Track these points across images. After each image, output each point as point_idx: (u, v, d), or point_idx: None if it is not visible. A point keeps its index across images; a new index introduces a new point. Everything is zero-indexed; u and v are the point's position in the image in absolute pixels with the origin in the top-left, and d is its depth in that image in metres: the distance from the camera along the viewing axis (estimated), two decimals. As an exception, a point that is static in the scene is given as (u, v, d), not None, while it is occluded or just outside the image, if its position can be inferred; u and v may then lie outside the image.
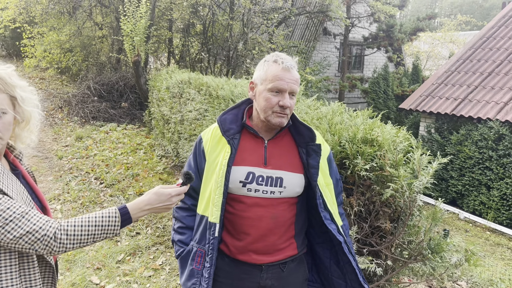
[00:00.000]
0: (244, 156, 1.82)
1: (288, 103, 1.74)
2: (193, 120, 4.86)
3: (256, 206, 1.78)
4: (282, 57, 1.78)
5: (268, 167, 1.80)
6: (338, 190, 1.98)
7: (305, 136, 1.83)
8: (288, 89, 1.75)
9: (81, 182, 6.24)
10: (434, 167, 1.99)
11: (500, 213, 7.72)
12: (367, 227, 2.30)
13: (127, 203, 1.65)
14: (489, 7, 54.77)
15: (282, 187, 1.78)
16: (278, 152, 1.83)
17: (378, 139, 2.20)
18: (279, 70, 1.75)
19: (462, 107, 8.56)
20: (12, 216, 1.32)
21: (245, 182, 1.79)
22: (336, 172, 1.97)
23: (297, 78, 1.78)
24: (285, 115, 1.77)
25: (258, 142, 1.85)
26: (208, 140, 1.91)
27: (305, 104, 3.31)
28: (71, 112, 10.76)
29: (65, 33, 12.36)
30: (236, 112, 1.91)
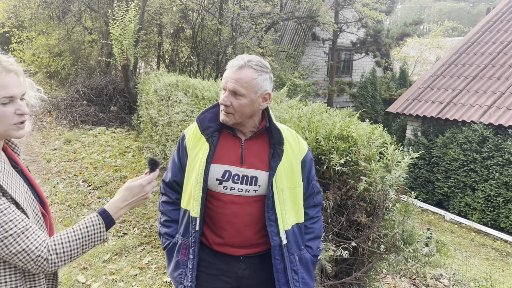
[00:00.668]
0: (222, 155, 1.88)
1: (224, 100, 1.78)
2: (180, 122, 4.92)
3: (231, 204, 1.85)
4: (237, 58, 1.82)
5: (244, 166, 1.85)
6: (309, 191, 1.98)
7: (275, 138, 1.87)
8: (227, 87, 1.78)
9: (69, 185, 6.24)
10: (406, 161, 2.07)
11: (484, 214, 7.86)
12: (344, 221, 2.37)
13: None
14: (476, 13, 55.65)
15: (257, 185, 1.84)
16: (254, 152, 1.88)
17: (353, 136, 2.28)
18: (228, 71, 1.81)
19: (447, 110, 8.71)
20: (13, 231, 1.29)
21: (221, 180, 1.85)
22: (311, 175, 1.98)
23: (239, 77, 1.76)
24: (229, 114, 1.80)
25: (235, 142, 1.90)
26: (190, 137, 1.98)
27: (288, 105, 3.39)
28: (59, 116, 10.75)
29: (54, 37, 12.36)
30: (216, 111, 1.95)
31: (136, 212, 5.07)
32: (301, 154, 1.94)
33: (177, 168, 2.03)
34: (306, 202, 1.98)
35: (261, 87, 1.82)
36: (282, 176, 1.85)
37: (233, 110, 1.80)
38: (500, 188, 7.59)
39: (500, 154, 7.58)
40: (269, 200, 1.82)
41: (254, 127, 1.91)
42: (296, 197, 1.91)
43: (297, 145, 1.94)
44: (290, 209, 1.89)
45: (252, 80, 1.78)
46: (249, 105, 1.81)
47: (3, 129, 1.39)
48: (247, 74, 1.78)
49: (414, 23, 12.47)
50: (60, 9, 11.88)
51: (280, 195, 1.84)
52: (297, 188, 1.91)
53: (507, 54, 9.21)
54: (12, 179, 1.39)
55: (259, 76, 1.81)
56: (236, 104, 1.79)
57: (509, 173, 7.43)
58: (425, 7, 58.72)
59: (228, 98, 1.79)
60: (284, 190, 1.85)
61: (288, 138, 1.92)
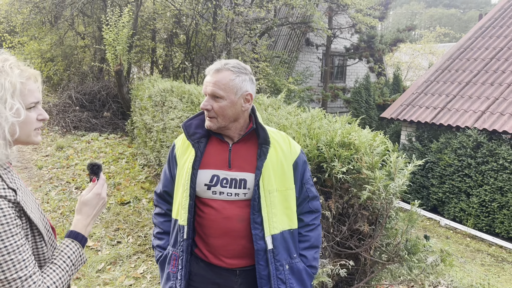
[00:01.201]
0: (209, 160, 1.84)
1: (204, 104, 1.78)
2: (175, 128, 4.85)
3: (222, 209, 1.79)
4: (215, 63, 1.81)
5: (232, 170, 1.81)
6: (303, 195, 1.91)
7: (261, 138, 1.83)
8: (207, 91, 1.77)
9: (61, 192, 6.14)
10: (409, 169, 2.03)
11: (479, 220, 7.86)
12: (346, 230, 2.32)
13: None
14: (467, 19, 56.37)
15: (246, 188, 1.79)
16: (242, 154, 1.85)
17: (355, 143, 2.24)
18: (206, 76, 1.81)
19: (441, 115, 8.74)
20: (19, 274, 1.23)
21: (209, 185, 1.80)
22: (305, 178, 1.91)
23: (217, 80, 1.75)
24: (212, 119, 1.79)
25: (223, 146, 1.87)
26: (180, 146, 1.95)
27: (286, 111, 3.35)
28: (51, 121, 10.62)
29: (46, 42, 12.25)
30: (203, 117, 1.92)
31: (130, 220, 4.99)
32: (293, 156, 1.89)
33: (167, 178, 2.00)
34: (300, 208, 1.91)
35: (240, 88, 1.79)
36: (270, 177, 1.79)
37: (215, 114, 1.78)
38: (494, 194, 7.60)
39: (495, 159, 7.60)
40: (255, 201, 1.77)
41: (240, 130, 1.87)
42: (287, 200, 1.84)
43: (288, 147, 1.89)
44: (280, 212, 1.82)
45: (230, 81, 1.77)
46: (230, 107, 1.78)
47: (26, 134, 1.36)
48: (224, 76, 1.76)
49: (407, 29, 12.55)
50: (53, 14, 11.77)
51: (267, 197, 1.78)
52: (288, 191, 1.84)
53: (500, 60, 9.27)
54: (28, 198, 1.33)
55: (237, 77, 1.78)
56: (217, 107, 1.77)
57: (503, 178, 7.44)
58: (416, 13, 59.37)
59: (208, 102, 1.78)
60: (272, 191, 1.79)
61: (278, 139, 1.89)
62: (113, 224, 4.95)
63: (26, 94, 1.33)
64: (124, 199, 5.67)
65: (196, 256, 1.89)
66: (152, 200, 5.73)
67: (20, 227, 1.25)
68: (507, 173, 7.42)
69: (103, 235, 4.65)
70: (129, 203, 5.60)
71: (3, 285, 1.24)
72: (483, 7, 59.66)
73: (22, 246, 1.24)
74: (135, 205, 5.51)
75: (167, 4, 10.87)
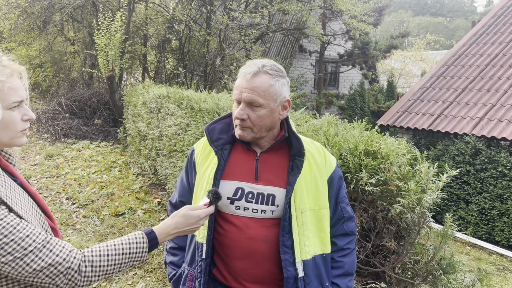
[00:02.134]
0: (234, 170, 1.64)
1: (239, 114, 1.55)
2: (173, 136, 4.65)
3: (246, 228, 1.59)
4: (248, 64, 1.60)
5: (259, 183, 1.61)
6: (337, 216, 1.70)
7: (295, 149, 1.62)
8: (242, 99, 1.56)
9: (51, 203, 5.86)
10: (443, 180, 1.86)
11: (479, 228, 7.76)
12: (370, 246, 2.14)
13: (153, 226, 1.49)
14: (453, 28, 57.24)
15: (274, 205, 1.58)
16: (271, 166, 1.64)
17: (382, 151, 2.07)
18: (239, 80, 1.59)
19: (438, 122, 8.67)
20: (33, 246, 1.14)
21: (233, 198, 1.60)
22: (340, 196, 1.71)
23: (254, 86, 1.54)
24: (246, 129, 1.58)
25: (250, 155, 1.66)
26: (200, 152, 1.75)
27: (294, 117, 3.18)
28: (40, 129, 10.30)
29: (34, 48, 11.95)
30: (228, 122, 1.73)
31: (125, 232, 4.75)
32: (329, 170, 1.68)
33: (185, 187, 1.80)
34: (334, 229, 1.71)
35: (280, 94, 1.59)
36: (303, 194, 1.58)
37: (251, 124, 1.57)
38: (494, 201, 7.52)
39: (494, 166, 7.53)
40: (285, 221, 1.56)
41: (272, 139, 1.66)
42: (321, 221, 1.64)
43: (323, 160, 1.68)
44: (313, 235, 1.61)
45: (270, 87, 1.56)
46: (269, 116, 1.58)
47: (9, 136, 1.24)
48: (263, 81, 1.55)
49: (401, 35, 12.56)
50: (41, 19, 11.48)
51: (298, 217, 1.57)
52: (322, 210, 1.64)
53: (495, 66, 9.26)
54: (15, 194, 1.22)
55: (277, 82, 1.58)
56: (254, 117, 1.56)
57: (503, 185, 7.37)
58: (404, 21, 60.08)
59: (244, 110, 1.55)
60: (305, 211, 1.58)
61: (312, 151, 1.67)
62: (107, 237, 4.70)
63: (7, 92, 1.19)
64: (119, 210, 5.42)
65: (214, 278, 1.68)
66: (148, 211, 5.49)
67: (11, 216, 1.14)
68: (507, 180, 7.35)
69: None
70: (123, 215, 5.36)
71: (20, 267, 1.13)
72: (469, 15, 60.69)
73: (19, 224, 1.14)
74: (130, 217, 5.27)
75: (160, 9, 10.68)
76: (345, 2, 10.99)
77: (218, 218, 1.63)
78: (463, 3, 72.85)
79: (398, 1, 67.30)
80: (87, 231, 4.87)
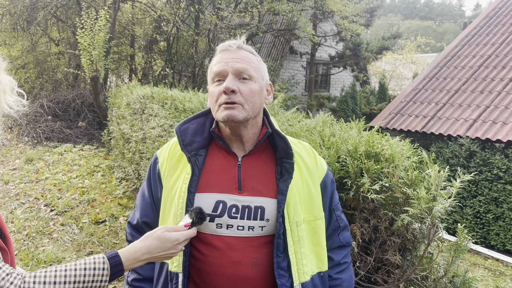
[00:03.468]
0: (211, 179, 1.35)
1: (230, 84, 1.28)
2: (157, 138, 4.36)
3: (230, 249, 1.29)
4: (227, 41, 1.38)
5: (243, 194, 1.32)
6: (332, 226, 1.47)
7: (280, 150, 1.36)
8: (229, 69, 1.30)
9: (28, 210, 5.53)
10: (456, 186, 1.62)
11: (474, 232, 7.58)
12: (372, 261, 1.88)
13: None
14: (442, 31, 57.73)
15: (264, 219, 1.30)
16: (256, 173, 1.36)
17: (385, 153, 1.81)
18: (217, 55, 1.37)
19: (432, 124, 8.50)
20: None
21: (213, 215, 1.30)
22: (334, 203, 1.48)
23: (243, 56, 1.33)
24: (236, 105, 1.29)
25: (230, 160, 1.37)
26: (166, 160, 1.43)
27: (285, 117, 2.92)
28: (21, 132, 9.91)
29: (17, 48, 11.57)
30: (202, 121, 1.44)
31: (105, 241, 4.44)
32: (321, 173, 1.43)
33: (148, 204, 1.46)
34: (330, 242, 1.46)
35: (265, 74, 1.40)
36: (296, 204, 1.32)
37: (243, 99, 1.29)
38: (489, 204, 7.35)
39: (489, 169, 7.36)
40: (279, 238, 1.29)
41: (255, 134, 1.38)
42: (317, 234, 1.38)
43: (314, 162, 1.43)
44: (309, 251, 1.35)
45: (257, 62, 1.36)
46: (259, 93, 1.34)
47: None
48: (250, 55, 1.35)
49: (393, 36, 12.43)
50: (23, 18, 11.10)
51: (294, 231, 1.30)
52: (317, 221, 1.38)
53: (488, 68, 9.14)
54: None
55: (259, 61, 1.39)
56: (246, 90, 1.30)
57: (498, 188, 7.21)
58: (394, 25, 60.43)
59: (234, 82, 1.29)
60: (300, 223, 1.32)
61: (301, 152, 1.41)
62: (86, 246, 4.39)
63: None
64: (99, 218, 5.11)
65: None
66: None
67: None
68: (502, 183, 7.19)
69: (74, 260, 4.09)
70: (104, 222, 5.05)
71: None
72: (458, 19, 61.30)
73: None
74: (111, 224, 4.95)
75: (147, 9, 10.39)
76: (336, 3, 10.81)
77: (193, 240, 1.32)
78: (451, 7, 73.65)
79: (387, 5, 67.80)
80: (64, 240, 4.55)
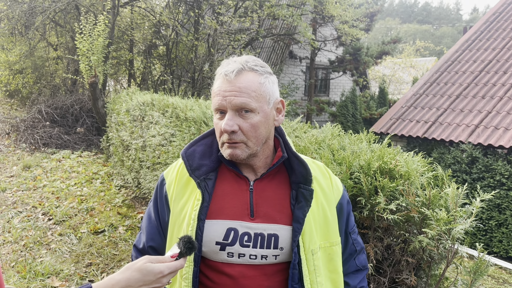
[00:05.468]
0: (222, 205, 1.27)
1: (228, 125, 1.19)
2: (157, 146, 4.28)
3: (242, 278, 1.23)
4: (228, 62, 1.26)
5: (256, 220, 1.25)
6: (349, 250, 1.41)
7: (298, 174, 1.28)
8: (228, 105, 1.20)
9: (25, 219, 5.43)
10: (477, 205, 1.54)
11: (476, 239, 7.50)
12: (386, 282, 1.80)
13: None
14: (440, 35, 57.91)
15: (277, 248, 1.24)
16: (269, 198, 1.28)
17: (400, 169, 1.74)
18: (218, 82, 1.24)
19: (433, 130, 8.43)
20: None
21: (223, 243, 1.24)
22: (350, 226, 1.41)
23: (242, 86, 1.20)
24: (239, 144, 1.22)
25: (241, 184, 1.30)
26: (173, 182, 1.36)
27: (290, 127, 2.84)
28: (19, 138, 9.80)
29: (15, 53, 11.49)
30: (209, 142, 1.35)
31: (105, 252, 4.34)
32: (337, 196, 1.35)
33: (154, 227, 1.39)
34: (346, 267, 1.39)
35: (272, 94, 1.26)
36: (312, 231, 1.25)
37: (244, 137, 1.21)
38: (492, 211, 7.28)
39: (491, 175, 7.30)
40: (294, 269, 1.22)
41: (267, 158, 1.30)
42: (333, 260, 1.31)
43: (330, 184, 1.35)
44: (325, 279, 1.28)
45: (261, 86, 1.23)
46: (264, 123, 1.24)
47: None
48: (251, 80, 1.21)
49: (393, 41, 12.38)
50: (22, 22, 11.02)
51: (309, 260, 1.24)
52: (333, 247, 1.31)
53: (489, 73, 9.09)
54: None
55: (266, 79, 1.25)
56: (247, 127, 1.21)
57: (501, 195, 7.14)
58: (392, 29, 60.60)
59: (233, 120, 1.19)
60: (315, 252, 1.25)
61: (316, 174, 1.33)
62: (85, 258, 4.29)
63: None
64: (98, 227, 5.01)
65: None
66: (130, 228, 5.08)
67: None
68: (505, 189, 7.12)
69: (73, 272, 3.98)
70: (103, 232, 4.95)
71: None
72: (456, 23, 61.51)
73: None
74: (110, 234, 4.85)
75: (146, 13, 10.33)
76: (336, 8, 10.77)
77: (203, 268, 1.26)
78: (449, 11, 73.92)
79: (385, 9, 68.03)
80: (63, 251, 4.45)
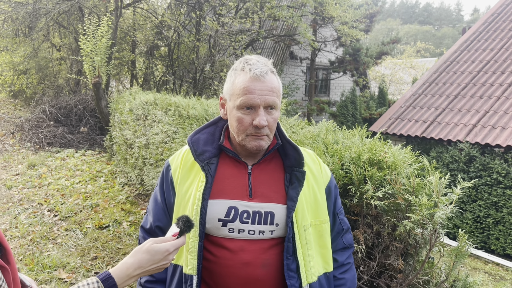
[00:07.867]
0: (224, 187, 1.44)
1: (263, 121, 1.36)
2: (160, 144, 4.42)
3: (241, 252, 1.38)
4: (251, 62, 1.41)
5: (254, 200, 1.42)
6: (336, 228, 1.56)
7: (291, 158, 1.46)
8: (262, 103, 1.37)
9: (32, 215, 5.57)
10: (457, 192, 1.67)
11: (474, 236, 7.62)
12: (375, 266, 1.93)
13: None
14: (441, 36, 57.94)
15: (273, 224, 1.40)
16: (266, 180, 1.45)
17: (387, 160, 1.87)
18: (247, 81, 1.38)
19: (431, 129, 8.55)
20: None
21: (225, 220, 1.39)
22: (337, 207, 1.58)
23: (273, 87, 1.39)
24: (264, 136, 1.40)
25: (240, 168, 1.47)
26: (178, 167, 1.52)
27: (288, 124, 2.98)
28: (23, 137, 9.96)
29: (19, 54, 11.65)
30: (212, 131, 1.53)
31: (109, 246, 4.48)
32: (325, 179, 1.53)
33: (160, 209, 1.54)
34: (334, 244, 1.55)
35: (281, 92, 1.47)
36: (304, 210, 1.41)
37: (269, 130, 1.41)
38: (489, 209, 7.40)
39: (488, 173, 7.41)
40: (289, 242, 1.38)
41: None
42: (323, 237, 1.48)
43: (319, 169, 1.53)
44: (316, 253, 1.45)
45: (279, 86, 1.44)
46: (278, 117, 1.45)
47: None
48: (276, 80, 1.42)
49: (392, 41, 12.50)
50: (26, 24, 11.18)
51: (302, 235, 1.40)
52: (323, 225, 1.48)
53: (487, 73, 9.20)
54: None
55: (280, 82, 1.46)
56: (272, 121, 1.41)
57: (498, 193, 7.25)
58: (393, 29, 60.68)
59: (265, 116, 1.38)
60: (307, 228, 1.42)
61: (307, 160, 1.50)
62: (90, 251, 4.43)
63: None
64: (103, 223, 5.15)
65: None
66: (134, 223, 5.22)
67: None
68: (502, 188, 7.24)
69: (79, 265, 4.12)
70: (108, 227, 5.09)
71: None
72: (457, 23, 61.56)
73: None
74: (115, 229, 5.00)
75: (148, 15, 10.48)
76: (336, 9, 10.89)
77: (206, 243, 1.41)
78: (450, 12, 73.99)
79: (386, 9, 68.15)
80: (69, 245, 4.59)
